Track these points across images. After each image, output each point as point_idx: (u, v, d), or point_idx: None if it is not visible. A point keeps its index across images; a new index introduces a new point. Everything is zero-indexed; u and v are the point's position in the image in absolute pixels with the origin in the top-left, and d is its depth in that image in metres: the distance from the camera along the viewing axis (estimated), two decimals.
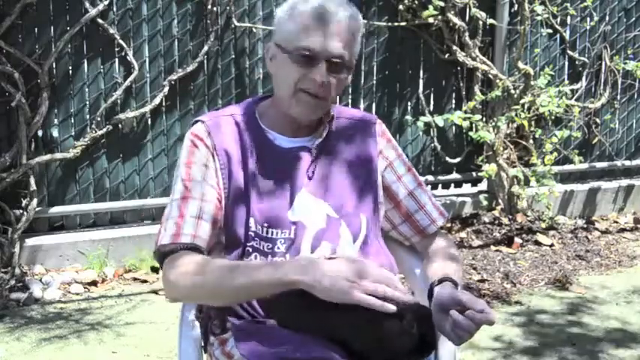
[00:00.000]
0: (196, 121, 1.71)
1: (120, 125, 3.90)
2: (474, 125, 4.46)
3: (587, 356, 2.98)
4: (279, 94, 1.68)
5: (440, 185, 4.77)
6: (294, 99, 1.63)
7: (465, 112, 4.42)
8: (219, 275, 1.53)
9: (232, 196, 1.63)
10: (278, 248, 1.61)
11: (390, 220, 1.80)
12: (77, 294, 3.58)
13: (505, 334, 3.18)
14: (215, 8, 3.98)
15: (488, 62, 4.56)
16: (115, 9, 3.82)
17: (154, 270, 3.82)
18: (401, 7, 4.34)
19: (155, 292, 3.60)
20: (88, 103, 3.84)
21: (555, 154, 4.53)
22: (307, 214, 1.63)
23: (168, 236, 1.59)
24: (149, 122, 3.98)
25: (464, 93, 4.61)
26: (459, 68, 4.61)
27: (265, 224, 1.61)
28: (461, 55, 4.48)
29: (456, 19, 4.42)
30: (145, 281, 3.73)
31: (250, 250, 1.61)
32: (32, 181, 3.68)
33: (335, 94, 1.67)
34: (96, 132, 3.82)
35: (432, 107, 4.58)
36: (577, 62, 4.87)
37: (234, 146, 1.66)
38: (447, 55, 4.51)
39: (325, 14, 1.60)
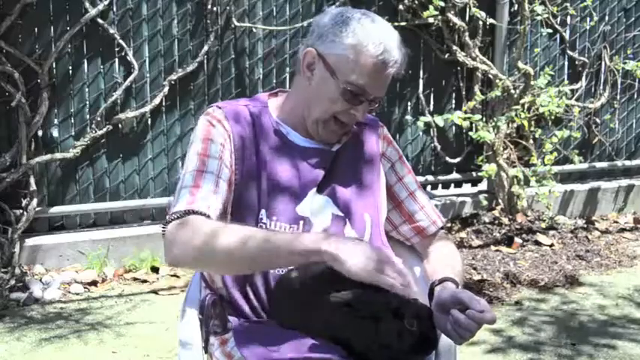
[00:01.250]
0: (211, 106, 1.71)
1: (120, 125, 3.90)
2: (473, 125, 4.46)
3: (586, 356, 2.98)
4: (306, 105, 1.67)
5: (440, 185, 4.77)
6: (324, 124, 1.66)
7: (465, 112, 4.42)
8: (239, 239, 1.47)
9: (244, 184, 1.63)
10: None
11: (391, 221, 1.81)
12: (77, 294, 3.58)
13: (505, 334, 3.18)
14: (215, 8, 3.98)
15: (488, 62, 4.56)
16: (115, 9, 3.82)
17: (154, 270, 3.82)
18: (401, 7, 4.34)
19: (155, 292, 3.61)
20: (88, 103, 3.84)
21: (555, 154, 4.53)
22: (314, 211, 1.64)
23: (184, 203, 1.54)
24: (149, 122, 3.98)
25: (464, 93, 4.61)
26: (458, 68, 4.61)
27: (274, 217, 1.62)
28: (461, 55, 4.49)
29: (456, 19, 4.42)
30: (145, 281, 3.73)
31: None
32: (32, 181, 3.68)
33: None
34: (96, 132, 3.82)
35: (432, 107, 4.58)
36: (577, 62, 4.87)
37: (248, 134, 1.66)
38: (447, 55, 4.51)
39: (388, 62, 1.60)
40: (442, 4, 4.28)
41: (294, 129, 1.70)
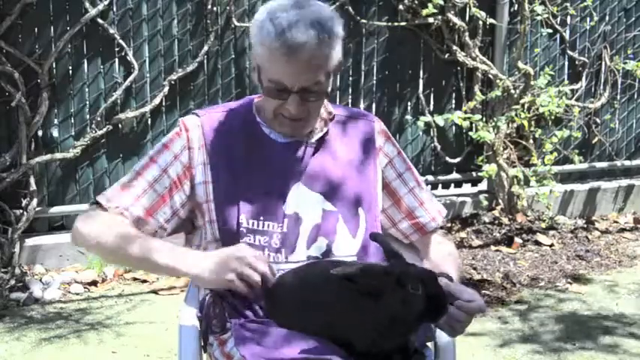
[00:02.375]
0: (192, 112, 1.73)
1: (120, 125, 3.90)
2: (474, 125, 4.46)
3: (587, 355, 2.98)
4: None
5: (440, 185, 4.77)
6: (277, 121, 1.66)
7: (465, 112, 4.42)
8: (120, 239, 1.61)
9: (222, 191, 1.64)
10: (275, 244, 1.62)
11: (390, 218, 1.80)
12: (77, 294, 3.58)
13: (505, 334, 3.18)
14: (215, 8, 3.98)
15: (488, 62, 4.56)
16: (115, 9, 3.82)
17: None
18: (401, 7, 4.34)
19: (155, 292, 3.61)
20: (88, 103, 3.84)
21: (555, 154, 4.53)
22: (303, 207, 1.64)
23: (105, 197, 1.69)
24: (149, 122, 3.98)
25: (464, 93, 4.60)
26: (458, 68, 4.60)
27: (261, 217, 1.62)
28: (461, 55, 4.48)
29: (455, 19, 4.42)
30: (145, 281, 3.73)
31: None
32: (32, 181, 3.68)
33: (318, 111, 1.68)
34: (96, 132, 3.82)
35: (432, 107, 4.58)
36: (577, 62, 4.87)
37: (226, 141, 1.67)
38: (447, 55, 4.50)
39: (293, 44, 1.50)
40: (442, 2, 4.28)
41: (273, 128, 1.70)
